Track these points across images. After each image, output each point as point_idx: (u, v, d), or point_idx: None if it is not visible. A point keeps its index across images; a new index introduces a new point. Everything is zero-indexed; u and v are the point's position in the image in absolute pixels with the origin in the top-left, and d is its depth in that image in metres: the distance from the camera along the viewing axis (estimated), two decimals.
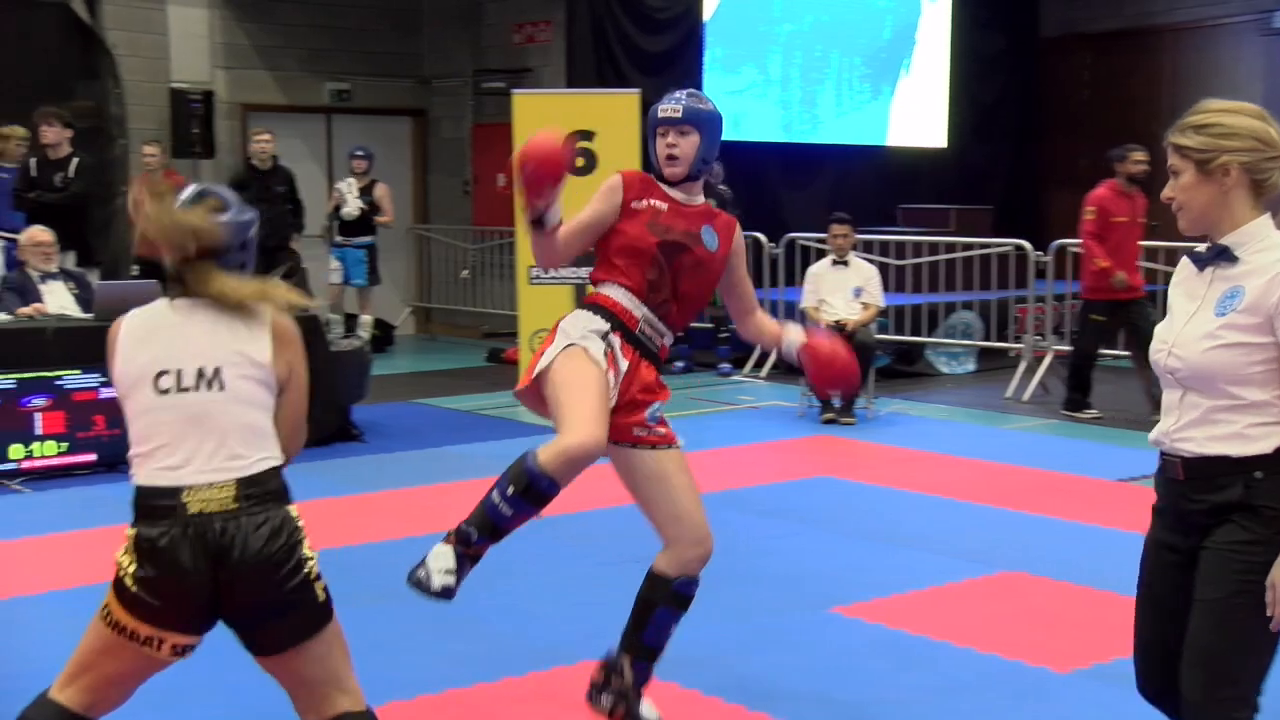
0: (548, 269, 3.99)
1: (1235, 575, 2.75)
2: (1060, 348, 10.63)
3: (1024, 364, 10.64)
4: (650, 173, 3.94)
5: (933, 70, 15.38)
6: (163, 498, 2.91)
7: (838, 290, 9.44)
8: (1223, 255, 2.84)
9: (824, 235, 10.03)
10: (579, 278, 9.84)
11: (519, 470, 3.52)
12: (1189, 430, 2.83)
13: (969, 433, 9.15)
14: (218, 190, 3.12)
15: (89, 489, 7.04)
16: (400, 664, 4.59)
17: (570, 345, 3.67)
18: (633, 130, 10.24)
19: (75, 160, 9.75)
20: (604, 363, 3.64)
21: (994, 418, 9.68)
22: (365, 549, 6.04)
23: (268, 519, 2.93)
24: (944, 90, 15.47)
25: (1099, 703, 4.25)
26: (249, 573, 2.89)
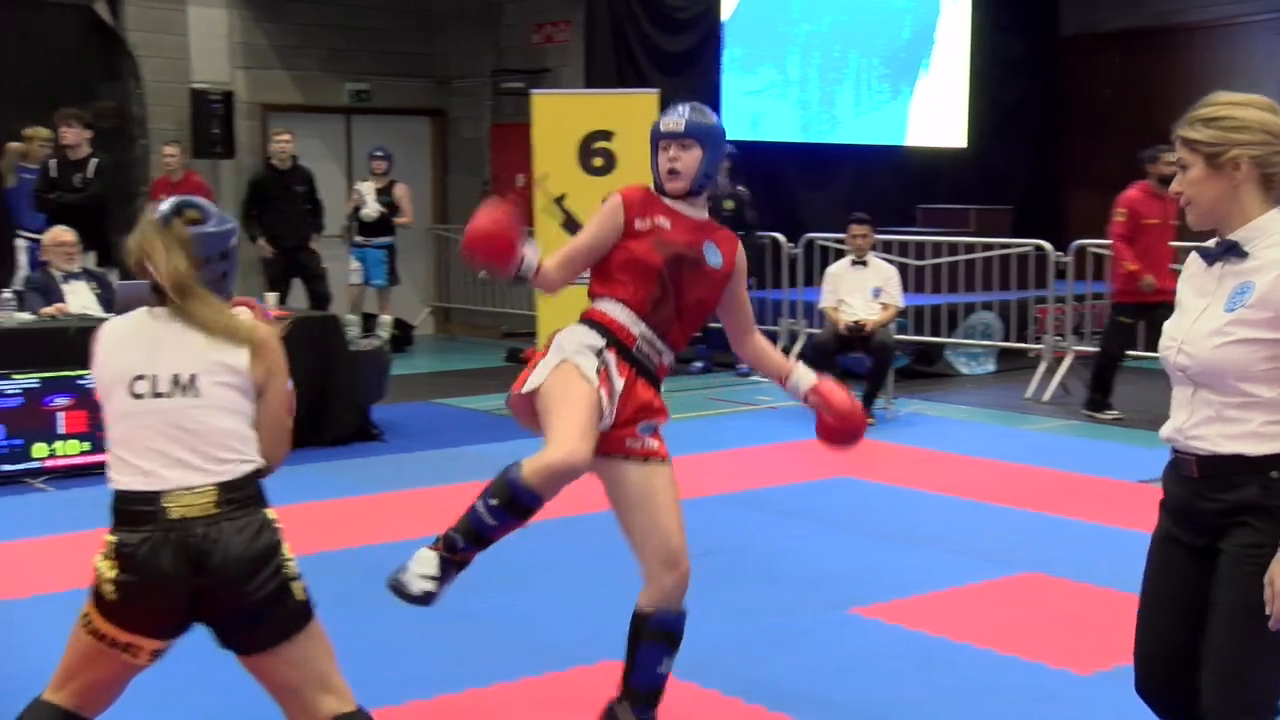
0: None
1: (1251, 579, 2.72)
2: (1080, 348, 10.59)
3: (1044, 365, 10.60)
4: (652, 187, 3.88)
5: (952, 70, 15.34)
6: (143, 503, 2.91)
7: (856, 290, 9.42)
8: (1232, 250, 2.79)
9: (843, 235, 10.02)
10: None
11: (502, 481, 3.50)
12: (1202, 428, 2.79)
13: (988, 433, 9.13)
14: (197, 202, 3.12)
15: None
16: (421, 664, 4.61)
17: (563, 361, 3.62)
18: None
19: (94, 161, 9.80)
20: (596, 379, 3.58)
21: (1014, 418, 9.65)
22: (384, 548, 6.03)
23: (248, 523, 2.94)
24: (963, 90, 15.44)
25: (1121, 705, 4.21)
26: (228, 577, 2.89)
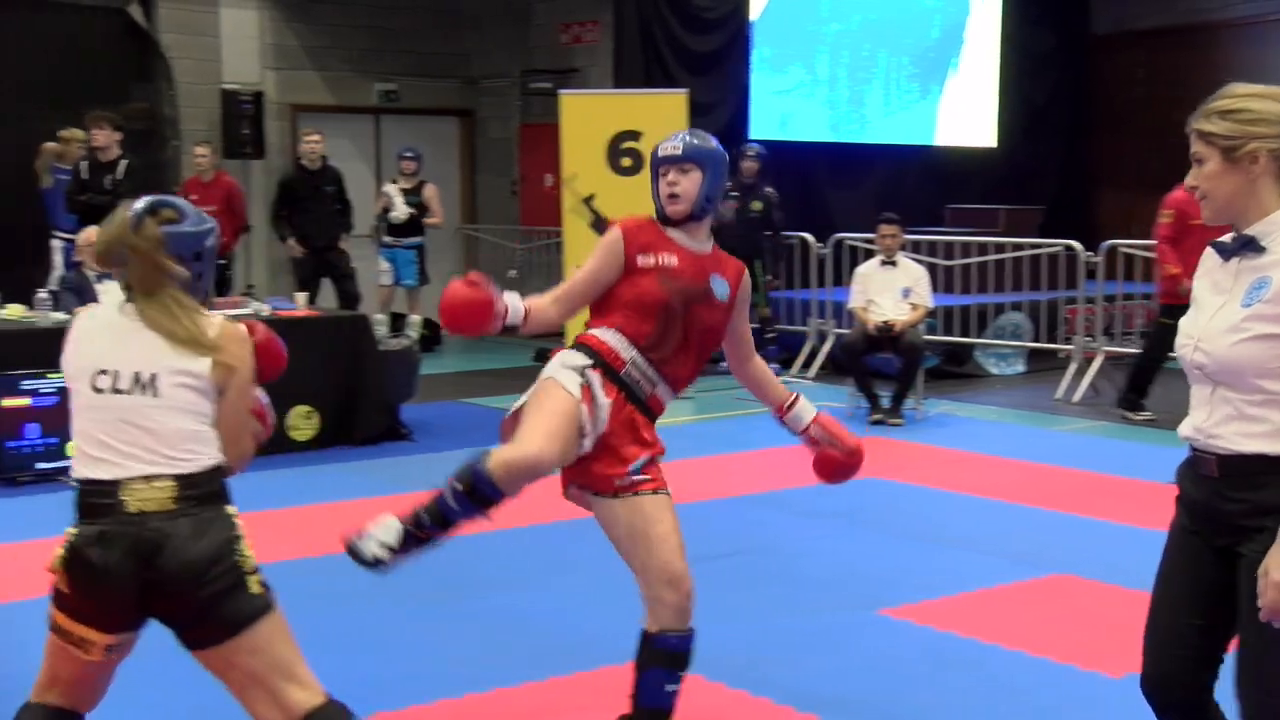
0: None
1: None
2: (1111, 349, 10.53)
3: (1074, 365, 10.55)
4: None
5: (982, 69, 15.28)
6: (102, 495, 2.93)
7: (886, 290, 9.40)
8: (1249, 245, 2.74)
9: (872, 235, 9.99)
10: None
11: (468, 469, 3.51)
12: (1221, 427, 2.74)
13: (1018, 434, 9.09)
14: (173, 201, 3.12)
15: None
16: (448, 662, 4.62)
17: (546, 379, 3.63)
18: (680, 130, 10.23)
19: (124, 163, 9.85)
20: (577, 393, 3.55)
21: (1044, 419, 9.60)
22: None
23: (203, 519, 2.95)
24: (993, 89, 15.37)
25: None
26: (177, 573, 2.90)
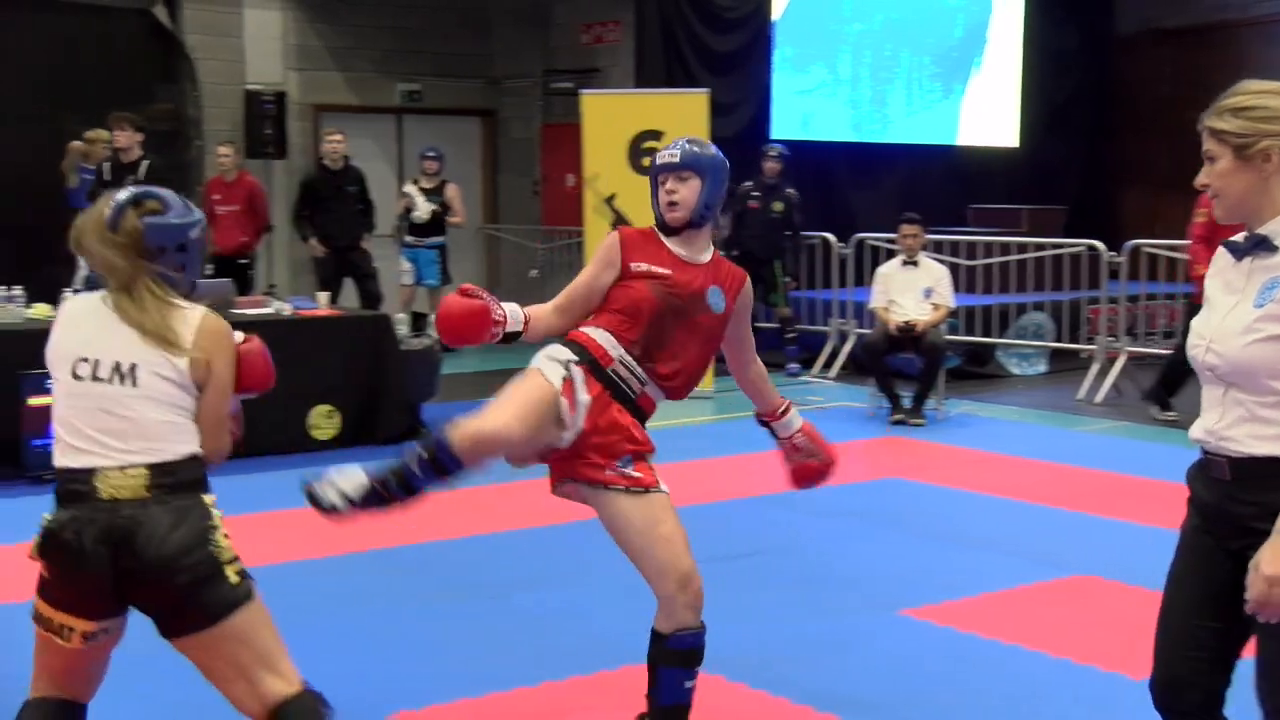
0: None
1: None
2: (1134, 349, 10.49)
3: (1096, 366, 10.51)
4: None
5: (1004, 68, 15.24)
6: (78, 481, 2.95)
7: (907, 290, 9.38)
8: (1261, 245, 2.70)
9: (893, 235, 9.98)
10: None
11: (432, 436, 3.53)
12: (1234, 429, 2.71)
13: (1040, 435, 9.06)
14: (157, 192, 3.12)
15: None
16: (469, 661, 4.62)
17: (530, 368, 3.64)
18: (701, 131, 10.23)
19: (145, 163, 9.90)
20: (556, 383, 3.55)
21: (1066, 419, 9.57)
22: (435, 546, 6.08)
23: (178, 508, 2.95)
24: (1016, 88, 15.33)
25: None
26: (152, 561, 2.91)
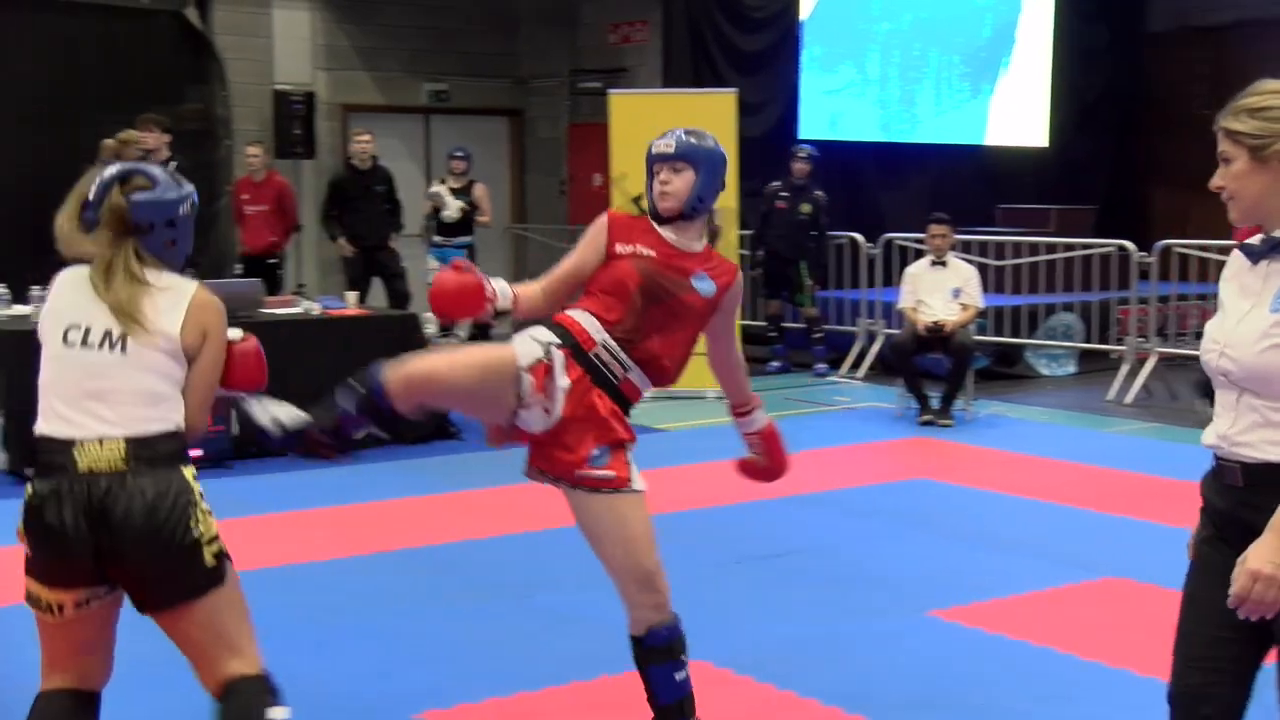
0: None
1: None
2: (1164, 350, 10.43)
3: (1126, 366, 10.45)
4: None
5: (1034, 67, 15.17)
6: (57, 452, 2.97)
7: (936, 291, 9.35)
8: (1278, 248, 2.65)
9: (922, 235, 9.94)
10: None
11: (366, 371, 3.52)
12: (1247, 434, 2.65)
13: (1069, 436, 9.02)
14: (145, 169, 3.15)
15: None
16: (495, 660, 4.63)
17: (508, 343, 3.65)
18: (729, 131, 10.22)
19: (172, 164, 9.95)
20: (523, 361, 3.54)
21: (1095, 420, 9.52)
22: (460, 546, 6.10)
23: (156, 481, 2.96)
24: (1045, 88, 15.26)
25: None
26: (129, 535, 2.92)
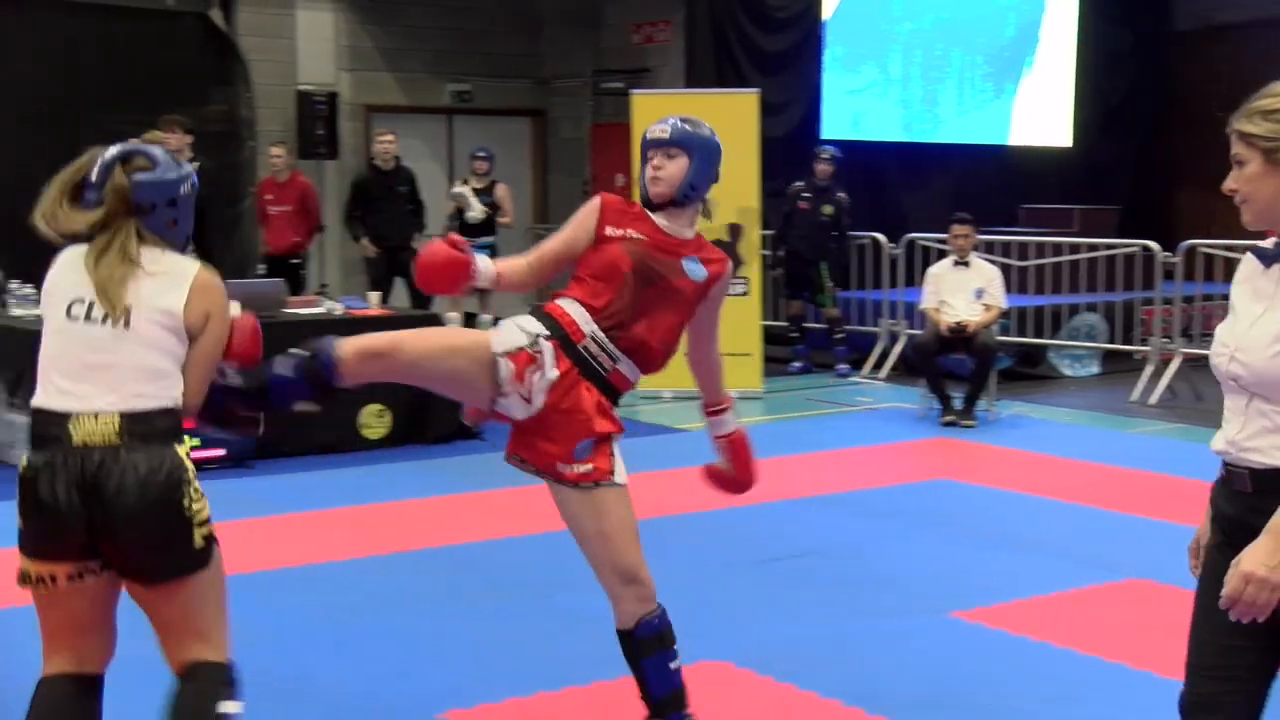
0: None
1: None
2: (1189, 351, 10.38)
3: (1150, 367, 10.41)
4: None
5: (1057, 67, 15.11)
6: (53, 425, 2.98)
7: (959, 291, 9.33)
8: None
9: (944, 236, 9.92)
10: None
11: (316, 341, 3.49)
12: (1257, 440, 2.62)
13: (1093, 436, 8.98)
14: (145, 149, 3.16)
15: (218, 483, 7.19)
16: (516, 660, 4.63)
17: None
18: (752, 131, 10.23)
19: (195, 165, 10.00)
20: (501, 347, 3.49)
21: (1119, 421, 9.48)
22: (480, 546, 6.11)
23: (150, 457, 2.97)
24: (1069, 88, 15.20)
25: None
26: (122, 509, 2.93)
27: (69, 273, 3.11)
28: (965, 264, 9.43)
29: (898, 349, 11.40)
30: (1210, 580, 2.79)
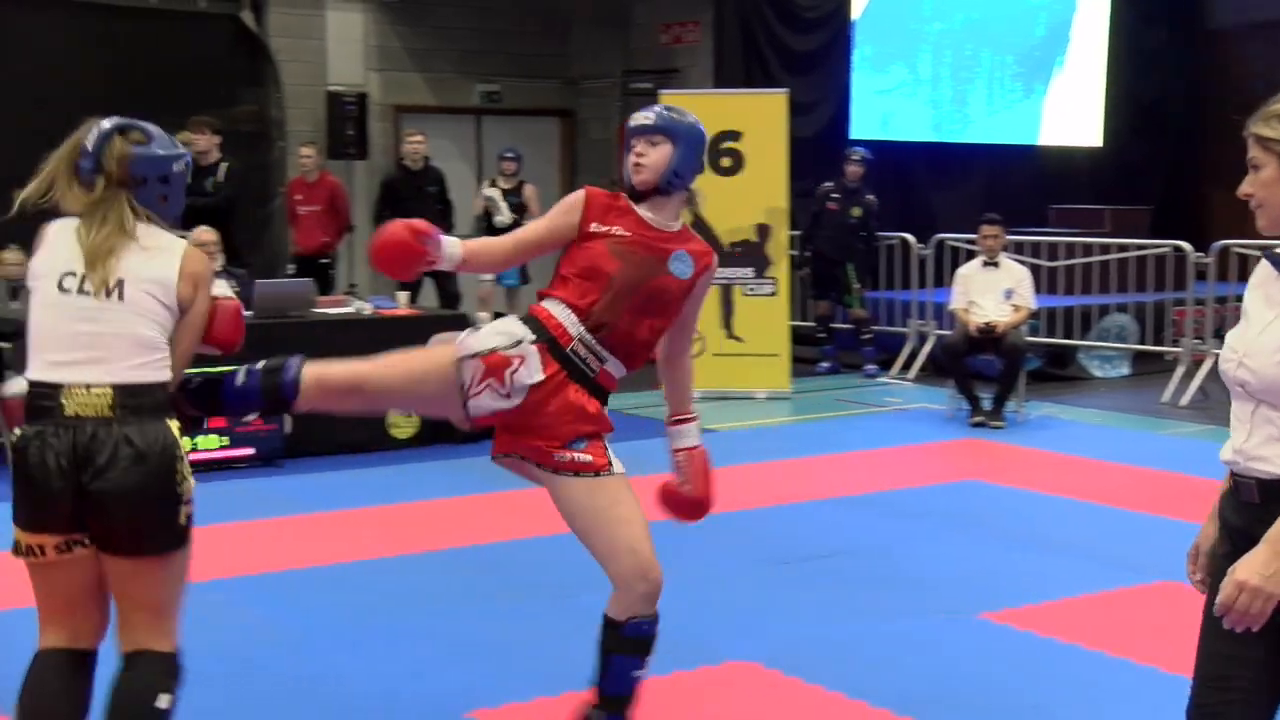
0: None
1: None
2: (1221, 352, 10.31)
3: (1182, 368, 10.34)
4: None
5: (1088, 66, 15.03)
6: (46, 397, 3.00)
7: (988, 291, 9.30)
8: None
9: (974, 236, 9.89)
10: (723, 278, 9.83)
11: (284, 358, 3.48)
12: (1264, 448, 2.60)
13: (1123, 438, 8.93)
14: (141, 125, 3.18)
15: (247, 482, 7.23)
16: (541, 660, 4.63)
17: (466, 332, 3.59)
18: (780, 131, 10.23)
19: (224, 165, 10.05)
20: (464, 352, 3.48)
21: (1150, 423, 9.43)
22: (502, 546, 6.11)
23: (142, 430, 2.99)
24: (1100, 87, 15.11)
25: None
26: (112, 482, 2.95)
27: (60, 247, 3.12)
28: (995, 264, 9.39)
29: (926, 349, 11.36)
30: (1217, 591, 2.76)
